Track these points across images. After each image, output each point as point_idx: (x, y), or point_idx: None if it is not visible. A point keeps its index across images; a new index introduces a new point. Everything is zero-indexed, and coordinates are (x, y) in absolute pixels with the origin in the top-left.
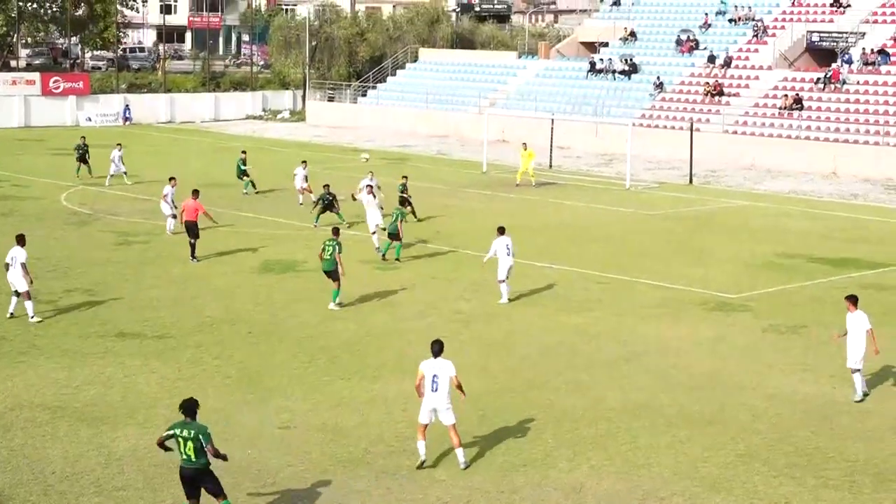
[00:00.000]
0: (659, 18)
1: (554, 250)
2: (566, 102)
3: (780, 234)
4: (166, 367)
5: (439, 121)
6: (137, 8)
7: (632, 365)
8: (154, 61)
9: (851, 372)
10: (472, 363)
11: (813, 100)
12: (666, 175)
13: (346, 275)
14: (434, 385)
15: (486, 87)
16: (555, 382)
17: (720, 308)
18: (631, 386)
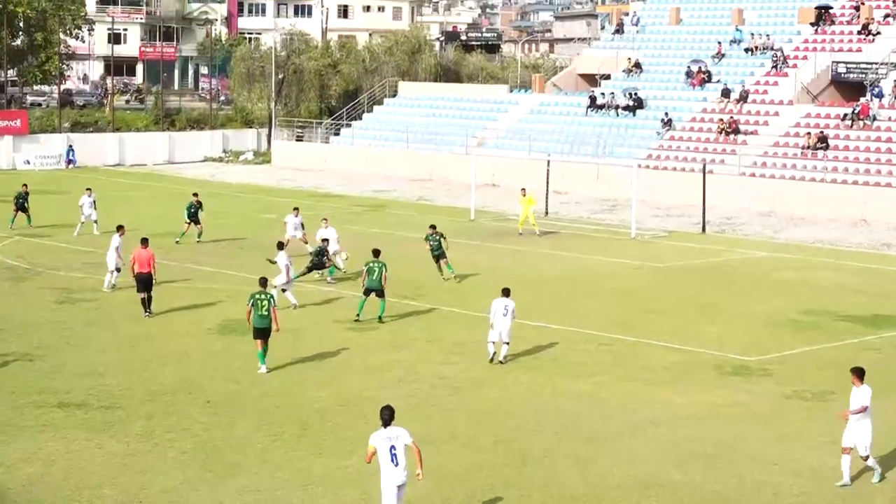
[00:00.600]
0: (667, 48)
1: (551, 307)
2: (564, 141)
3: (805, 288)
4: (114, 441)
5: (421, 162)
6: (83, 38)
7: (639, 436)
8: (101, 97)
9: (864, 459)
10: (460, 434)
11: (840, 138)
12: (676, 223)
13: (279, 331)
14: (394, 459)
15: (474, 125)
16: (553, 456)
17: (738, 372)
18: (638, 460)
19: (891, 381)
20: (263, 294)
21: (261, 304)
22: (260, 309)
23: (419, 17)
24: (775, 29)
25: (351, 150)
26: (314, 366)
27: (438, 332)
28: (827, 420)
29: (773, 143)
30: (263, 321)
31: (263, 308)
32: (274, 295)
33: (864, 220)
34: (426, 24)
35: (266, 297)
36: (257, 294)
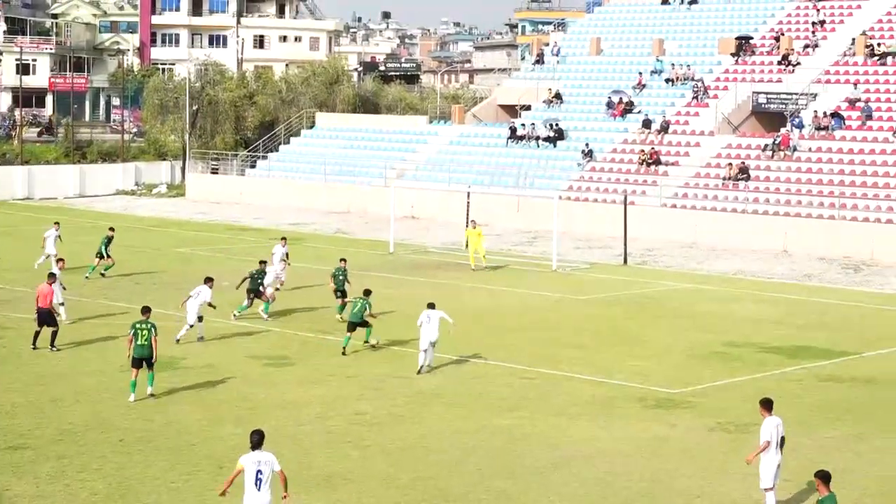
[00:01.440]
0: (587, 78)
1: (472, 341)
2: (484, 173)
3: (727, 320)
4: (22, 483)
5: (340, 195)
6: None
7: (563, 472)
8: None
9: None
10: (378, 472)
11: (760, 168)
12: (597, 255)
13: (156, 360)
14: (258, 483)
15: (393, 156)
16: (475, 493)
17: (662, 405)
18: (563, 496)
19: (812, 413)
20: (145, 323)
21: (141, 333)
22: (140, 338)
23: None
24: (696, 59)
25: (267, 182)
26: (230, 402)
27: (357, 368)
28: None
29: (695, 173)
30: (142, 350)
31: (143, 338)
32: (155, 325)
33: (785, 251)
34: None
35: (147, 327)
36: (138, 323)
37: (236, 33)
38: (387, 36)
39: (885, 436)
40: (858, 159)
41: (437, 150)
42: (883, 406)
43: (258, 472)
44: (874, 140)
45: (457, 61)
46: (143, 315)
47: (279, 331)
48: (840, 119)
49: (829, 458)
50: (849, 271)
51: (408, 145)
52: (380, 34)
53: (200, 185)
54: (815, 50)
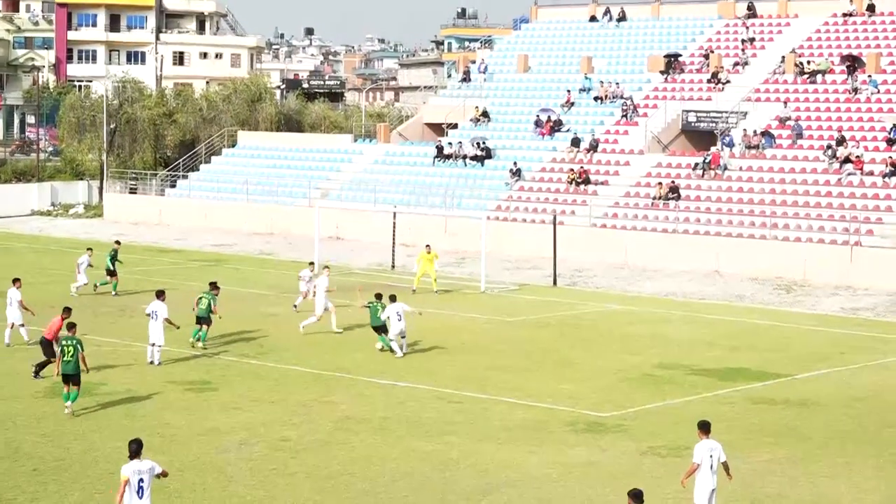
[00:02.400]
0: (514, 96)
1: (398, 365)
2: (410, 193)
3: (658, 342)
4: None
5: (263, 215)
6: None
7: (492, 498)
8: None
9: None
10: (304, 501)
11: (691, 188)
12: (526, 276)
13: (88, 372)
14: (140, 491)
15: (318, 176)
16: None
17: (591, 429)
18: None
19: (746, 436)
20: (70, 339)
21: (67, 349)
22: (66, 355)
23: (259, 65)
24: (625, 77)
25: (188, 202)
26: (150, 429)
27: (282, 393)
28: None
29: (625, 193)
30: (68, 367)
31: (69, 354)
32: (81, 341)
33: (717, 272)
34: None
35: (72, 343)
36: (64, 339)
37: (155, 50)
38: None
39: (820, 459)
40: (789, 178)
41: (362, 169)
42: (817, 429)
43: (140, 481)
44: (805, 159)
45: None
46: (68, 331)
47: (201, 355)
48: (770, 137)
49: (763, 481)
50: (781, 292)
51: (332, 164)
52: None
53: (119, 206)
54: (745, 68)
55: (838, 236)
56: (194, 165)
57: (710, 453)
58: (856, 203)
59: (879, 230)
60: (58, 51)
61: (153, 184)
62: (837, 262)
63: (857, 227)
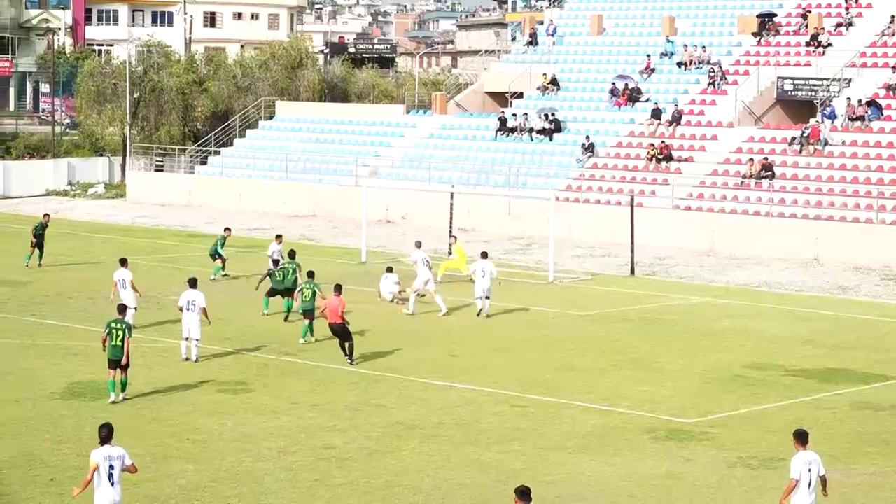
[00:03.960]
0: (587, 62)
1: (457, 365)
2: (470, 171)
3: (749, 339)
4: None
5: (304, 196)
6: None
7: None
8: None
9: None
10: None
11: (787, 165)
12: (600, 264)
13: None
14: (111, 477)
15: (366, 151)
16: None
17: (674, 437)
18: None
19: (848, 445)
20: (120, 322)
21: (116, 333)
22: (115, 339)
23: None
24: (712, 40)
25: (220, 181)
26: (178, 435)
27: (325, 395)
28: (777, 491)
29: (711, 171)
30: (117, 351)
31: (118, 338)
32: (130, 325)
33: (816, 260)
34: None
35: (121, 327)
36: (114, 322)
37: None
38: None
39: None
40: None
41: (415, 144)
42: None
43: (110, 467)
44: None
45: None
46: (119, 314)
47: (235, 353)
48: (878, 108)
49: (868, 497)
50: (889, 282)
51: (382, 139)
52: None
53: (143, 185)
54: (849, 29)
55: None
56: (227, 140)
57: (809, 466)
58: None
59: None
60: (75, 11)
61: (181, 160)
62: None
63: None
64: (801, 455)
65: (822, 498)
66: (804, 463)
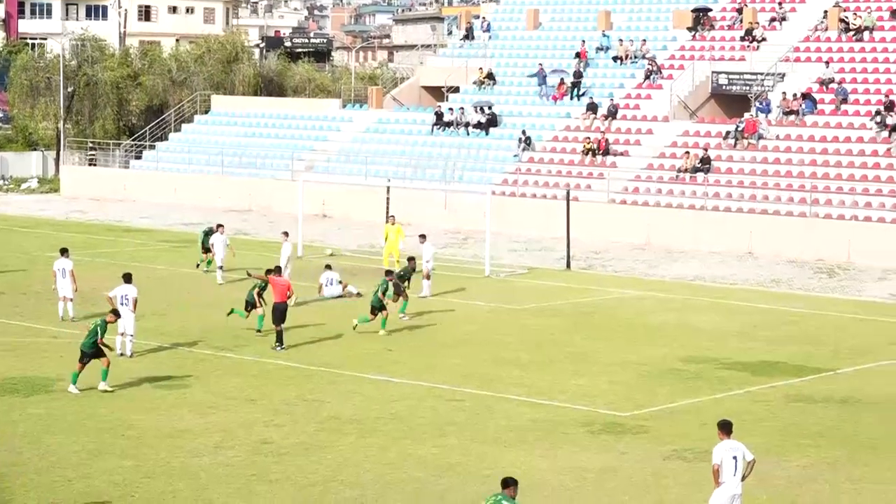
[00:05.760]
0: (523, 56)
1: (393, 359)
2: (406, 165)
3: (684, 332)
4: None
5: (239, 190)
6: None
7: None
8: None
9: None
10: None
11: (722, 159)
12: (536, 258)
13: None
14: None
15: (302, 146)
16: None
17: (610, 430)
18: None
19: (782, 438)
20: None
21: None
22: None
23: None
24: (648, 34)
25: (155, 176)
26: (113, 431)
27: (262, 390)
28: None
29: (647, 165)
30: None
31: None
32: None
33: (750, 253)
34: (244, 28)
35: (95, 323)
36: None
37: (118, 3)
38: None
39: (866, 464)
40: (832, 148)
41: (351, 138)
42: (862, 430)
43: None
44: (850, 126)
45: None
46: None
47: (171, 348)
48: (811, 102)
49: (801, 489)
50: (822, 276)
51: (318, 133)
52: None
53: (77, 180)
54: (783, 24)
55: (887, 213)
56: (162, 134)
57: (733, 454)
58: None
59: None
60: (8, 4)
61: (116, 155)
62: (886, 242)
63: None
64: (723, 444)
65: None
66: (726, 450)
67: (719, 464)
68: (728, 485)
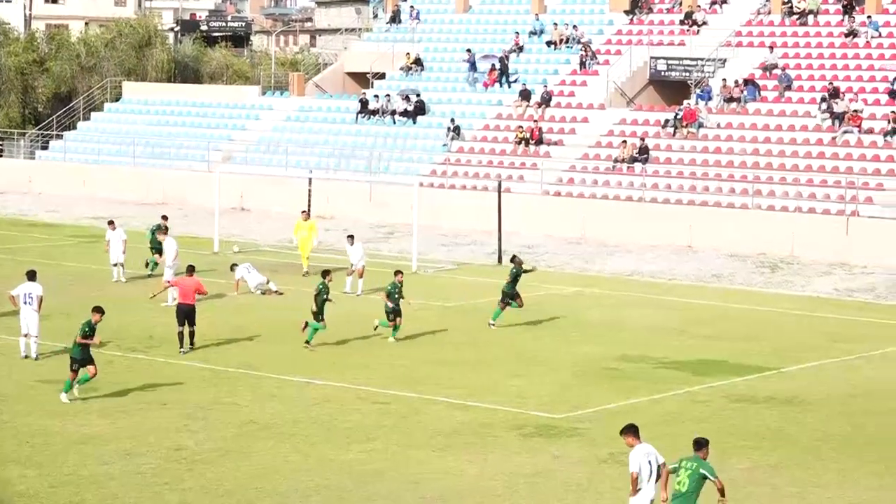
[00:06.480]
0: (453, 40)
1: (315, 360)
2: (329, 155)
3: (621, 330)
4: None
5: (152, 182)
6: None
7: None
8: None
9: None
10: None
11: (660, 148)
12: (466, 253)
13: None
14: None
15: (219, 135)
16: None
17: (543, 433)
18: None
19: (722, 440)
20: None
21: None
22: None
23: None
24: (583, 18)
25: (63, 167)
26: (16, 438)
27: (175, 393)
28: None
29: (582, 154)
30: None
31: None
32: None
33: (690, 247)
34: (157, 11)
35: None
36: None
37: None
38: None
39: (809, 466)
40: (776, 137)
41: (271, 127)
42: (806, 431)
43: None
44: (794, 114)
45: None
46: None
47: None
48: (754, 89)
49: (743, 493)
50: (765, 270)
51: (236, 122)
52: None
53: None
54: (724, 7)
55: (832, 205)
56: (71, 123)
57: (648, 458)
58: (853, 166)
59: (880, 198)
60: None
61: (21, 145)
62: (831, 235)
63: (854, 194)
64: (638, 449)
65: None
66: (642, 455)
67: (638, 471)
68: (646, 490)
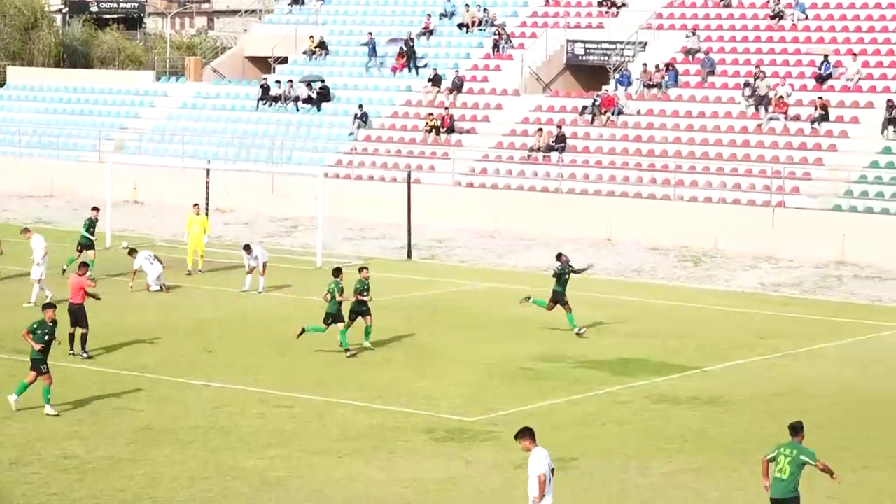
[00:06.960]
0: (359, 23)
1: (214, 362)
2: (228, 144)
3: (537, 328)
4: None
5: (39, 173)
6: None
7: None
8: None
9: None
10: None
11: (578, 136)
12: (374, 247)
13: None
14: None
15: (111, 123)
16: None
17: (455, 437)
18: None
19: (643, 442)
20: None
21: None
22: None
23: None
24: (496, 0)
25: None
26: None
27: (65, 397)
28: (569, 494)
29: (496, 143)
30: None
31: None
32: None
33: (609, 240)
34: None
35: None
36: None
37: None
38: None
39: (733, 469)
40: (698, 124)
41: (166, 114)
42: (730, 432)
43: None
44: (717, 100)
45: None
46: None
47: None
48: (675, 74)
49: (664, 497)
50: (687, 264)
51: (129, 109)
52: None
53: None
54: None
55: (758, 195)
56: None
57: (548, 462)
58: (779, 155)
59: (807, 188)
60: None
61: None
62: (756, 227)
63: (780, 184)
64: (539, 451)
65: None
66: (544, 458)
67: (545, 472)
68: (549, 497)
